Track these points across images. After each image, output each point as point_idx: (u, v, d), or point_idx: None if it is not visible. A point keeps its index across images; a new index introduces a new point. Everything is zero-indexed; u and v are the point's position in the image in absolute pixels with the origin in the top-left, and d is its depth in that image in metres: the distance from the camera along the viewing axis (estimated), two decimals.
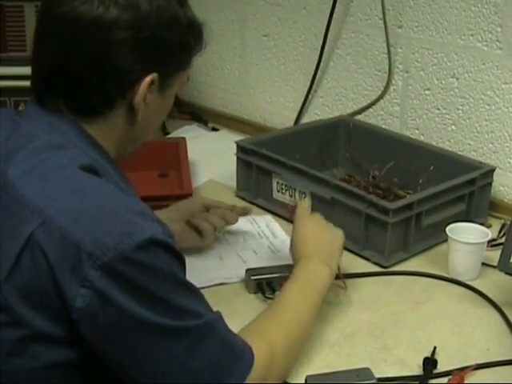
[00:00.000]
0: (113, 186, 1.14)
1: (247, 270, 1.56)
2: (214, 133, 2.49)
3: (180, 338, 1.08)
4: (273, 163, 1.88)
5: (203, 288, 1.38)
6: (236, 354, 1.14)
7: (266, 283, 1.52)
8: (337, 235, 1.52)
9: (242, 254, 1.70)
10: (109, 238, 1.03)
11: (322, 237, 1.50)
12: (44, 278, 1.03)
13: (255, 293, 1.53)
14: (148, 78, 1.17)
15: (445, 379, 1.29)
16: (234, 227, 1.75)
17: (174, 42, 1.20)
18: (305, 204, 1.61)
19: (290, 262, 1.51)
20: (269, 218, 1.86)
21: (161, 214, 1.55)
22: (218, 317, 1.15)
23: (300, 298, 1.35)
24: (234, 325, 1.21)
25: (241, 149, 1.95)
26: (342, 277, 1.53)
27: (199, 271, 1.56)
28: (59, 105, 1.18)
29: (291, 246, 1.51)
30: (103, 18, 1.12)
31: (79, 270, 1.02)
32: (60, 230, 1.03)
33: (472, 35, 1.89)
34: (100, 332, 1.05)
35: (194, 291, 1.13)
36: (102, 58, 1.14)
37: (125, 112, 1.20)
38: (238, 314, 1.39)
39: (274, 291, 1.50)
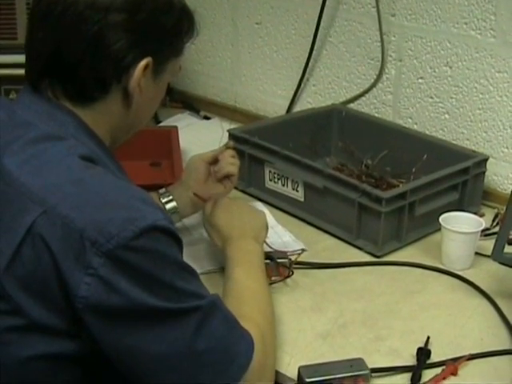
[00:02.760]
0: (112, 175, 1.14)
1: None
2: (205, 121, 2.48)
3: (185, 319, 1.07)
4: (265, 152, 1.87)
5: None
6: (239, 332, 1.14)
7: None
8: (260, 214, 1.55)
9: None
10: (112, 225, 1.02)
11: (246, 216, 1.51)
12: (46, 268, 1.03)
13: None
14: (143, 62, 1.18)
15: (438, 369, 1.29)
16: None
17: (168, 27, 1.21)
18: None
19: (277, 247, 1.54)
20: (259, 205, 1.85)
21: (173, 190, 1.61)
22: (218, 297, 1.15)
23: (251, 278, 1.35)
24: None
25: (233, 137, 1.93)
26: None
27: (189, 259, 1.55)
28: (55, 91, 1.18)
29: (212, 227, 1.50)
30: (99, 0, 1.13)
31: (83, 258, 1.02)
32: (62, 219, 1.03)
33: (466, 23, 1.88)
34: (104, 320, 1.04)
35: (193, 274, 1.13)
36: (99, 41, 1.14)
37: (120, 97, 1.20)
38: None
39: None
